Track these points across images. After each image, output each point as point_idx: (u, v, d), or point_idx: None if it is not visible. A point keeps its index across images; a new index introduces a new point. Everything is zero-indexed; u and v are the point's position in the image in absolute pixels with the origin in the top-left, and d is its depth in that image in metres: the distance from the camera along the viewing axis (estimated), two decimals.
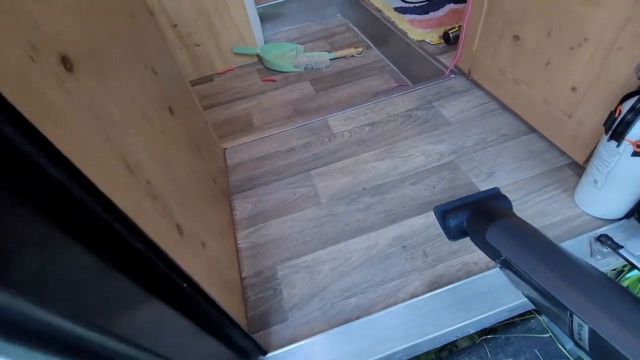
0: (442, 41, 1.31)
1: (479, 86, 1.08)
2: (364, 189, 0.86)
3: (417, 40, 1.36)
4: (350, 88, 1.42)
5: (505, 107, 0.99)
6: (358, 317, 0.64)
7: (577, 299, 0.33)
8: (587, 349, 0.32)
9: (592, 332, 0.31)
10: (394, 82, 1.42)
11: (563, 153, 0.84)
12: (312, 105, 1.38)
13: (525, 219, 0.67)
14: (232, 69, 1.70)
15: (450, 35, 1.25)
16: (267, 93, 1.49)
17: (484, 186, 0.82)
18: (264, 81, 1.57)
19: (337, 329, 0.62)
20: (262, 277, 0.73)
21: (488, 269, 0.67)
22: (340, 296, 0.68)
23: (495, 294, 0.63)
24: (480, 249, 0.48)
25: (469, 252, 0.71)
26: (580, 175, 0.79)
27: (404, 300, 0.65)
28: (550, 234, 0.71)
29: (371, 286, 0.68)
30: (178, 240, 0.45)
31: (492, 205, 0.51)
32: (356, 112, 1.09)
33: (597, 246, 0.65)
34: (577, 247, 0.67)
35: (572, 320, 0.33)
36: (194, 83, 1.64)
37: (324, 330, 0.63)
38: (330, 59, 1.57)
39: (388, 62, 1.53)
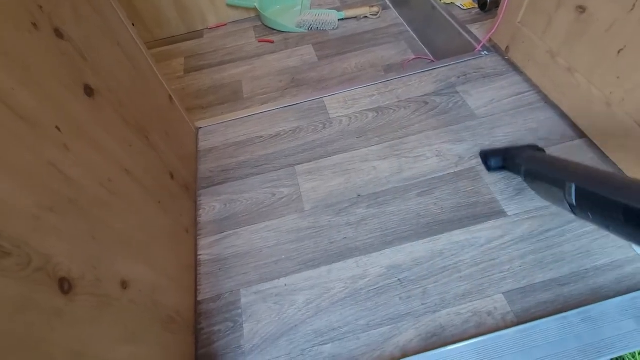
0: (476, 5, 1.07)
1: (517, 69, 0.86)
2: (359, 196, 0.69)
3: (445, 3, 1.10)
4: (360, 57, 1.20)
5: (548, 101, 0.78)
6: None
7: (567, 172, 0.47)
8: (574, 203, 0.43)
9: (577, 188, 0.42)
10: (412, 54, 1.19)
11: (618, 170, 0.65)
12: (313, 76, 1.18)
13: (562, 256, 0.58)
14: (225, 25, 1.47)
15: None
16: (262, 57, 1.28)
17: (509, 205, 0.64)
18: (260, 42, 1.35)
19: None
20: (221, 303, 0.60)
21: (505, 324, 0.52)
22: (313, 340, 0.54)
23: None
24: (511, 170, 0.65)
25: (481, 296, 0.55)
26: None
27: (393, 356, 0.51)
28: (591, 283, 0.55)
29: (353, 331, 0.54)
30: (58, 307, 0.30)
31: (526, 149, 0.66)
32: (360, 93, 0.89)
33: None
34: (628, 307, 0.51)
35: (565, 189, 0.44)
36: (180, 39, 1.43)
37: None
38: (339, 20, 1.33)
39: (407, 27, 1.28)
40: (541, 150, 0.65)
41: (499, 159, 0.66)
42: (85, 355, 0.32)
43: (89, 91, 0.44)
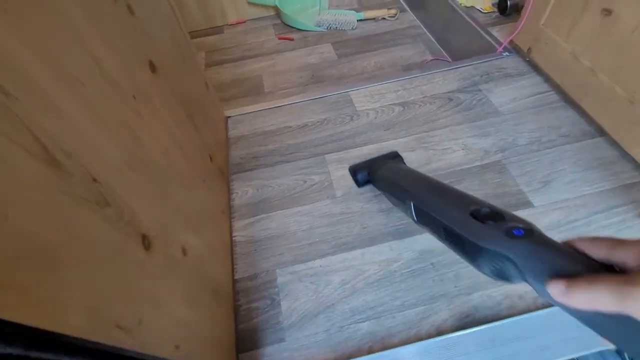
0: (496, 10, 1.10)
1: (537, 70, 0.89)
2: None
3: (465, 6, 1.14)
4: (378, 57, 1.23)
5: (568, 101, 0.81)
6: (370, 349, 0.53)
7: (410, 191, 0.49)
8: (416, 219, 0.47)
9: (415, 207, 0.46)
10: (430, 55, 1.22)
11: (639, 167, 0.68)
12: (333, 73, 1.20)
13: None
14: (244, 22, 1.49)
15: (508, 3, 1.04)
16: (282, 53, 1.31)
17: (535, 197, 0.67)
18: (279, 39, 1.38)
19: None
20: (258, 282, 0.61)
21: (537, 307, 0.54)
22: (350, 318, 0.56)
23: (544, 341, 0.51)
24: (374, 185, 0.66)
25: None
26: None
27: (429, 334, 0.53)
28: None
29: (389, 310, 0.56)
30: (142, 259, 0.32)
31: (386, 159, 0.68)
32: (385, 88, 0.92)
33: None
34: None
35: (408, 205, 0.47)
36: (201, 34, 1.45)
37: None
38: (357, 20, 1.36)
39: (424, 29, 1.32)
40: (399, 157, 0.69)
41: (365, 173, 0.66)
42: (162, 307, 0.34)
43: (152, 67, 0.46)
